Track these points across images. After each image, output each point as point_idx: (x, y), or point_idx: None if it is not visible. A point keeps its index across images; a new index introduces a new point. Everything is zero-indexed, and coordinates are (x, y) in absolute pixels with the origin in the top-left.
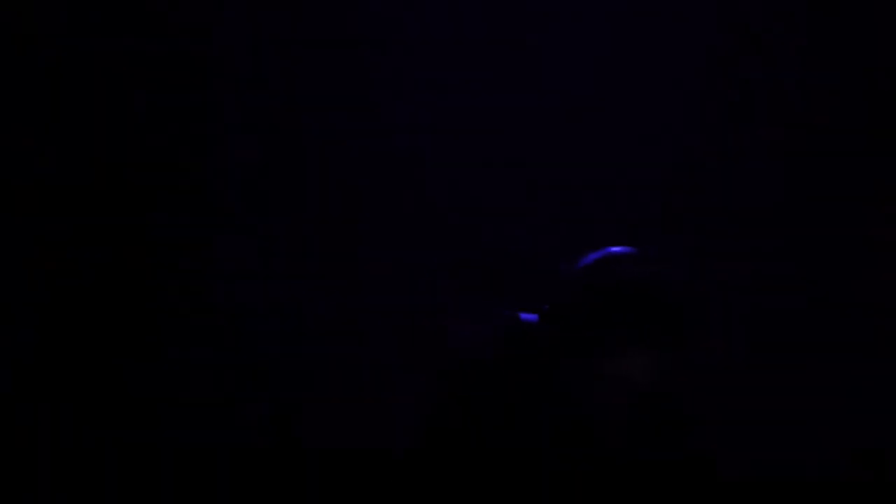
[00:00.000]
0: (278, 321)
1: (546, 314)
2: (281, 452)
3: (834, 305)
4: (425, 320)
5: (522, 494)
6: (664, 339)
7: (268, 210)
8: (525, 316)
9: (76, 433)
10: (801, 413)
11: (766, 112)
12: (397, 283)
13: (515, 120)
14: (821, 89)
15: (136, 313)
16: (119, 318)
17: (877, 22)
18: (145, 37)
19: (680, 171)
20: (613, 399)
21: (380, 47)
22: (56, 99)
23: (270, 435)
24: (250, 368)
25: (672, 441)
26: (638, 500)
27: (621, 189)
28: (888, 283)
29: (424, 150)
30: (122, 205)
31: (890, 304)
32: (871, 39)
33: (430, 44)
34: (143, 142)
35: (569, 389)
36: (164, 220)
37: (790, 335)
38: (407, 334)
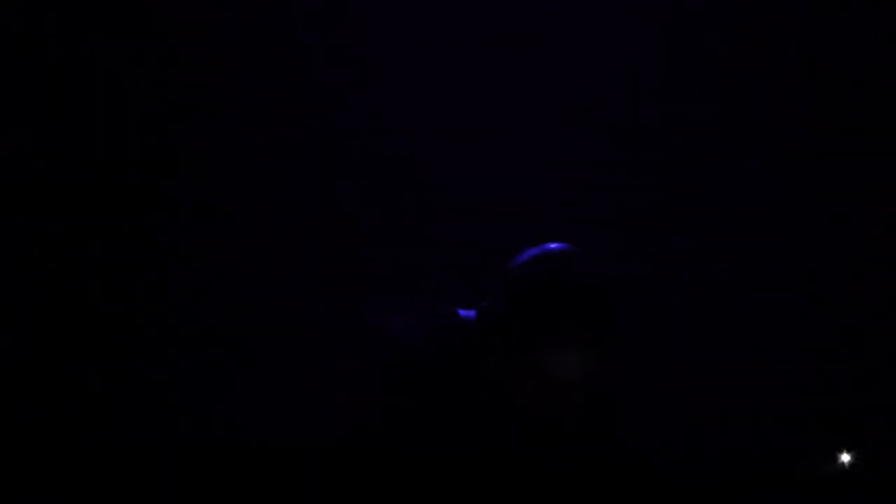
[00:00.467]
0: (278, 321)
1: (483, 311)
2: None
3: (834, 305)
4: (365, 317)
5: (467, 490)
6: (598, 336)
7: (268, 210)
8: (463, 312)
9: (76, 433)
10: (801, 413)
11: (766, 112)
12: (397, 283)
13: (515, 120)
14: (821, 89)
15: (136, 313)
16: (118, 317)
17: (877, 22)
18: (145, 37)
19: (680, 171)
20: (547, 396)
21: (380, 47)
22: (56, 99)
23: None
24: (250, 368)
25: (607, 438)
26: (585, 497)
27: (621, 189)
28: (888, 283)
29: (424, 150)
30: (122, 205)
31: (890, 304)
32: (871, 39)
33: (430, 44)
34: (142, 142)
35: (504, 386)
36: (164, 220)
37: (790, 335)
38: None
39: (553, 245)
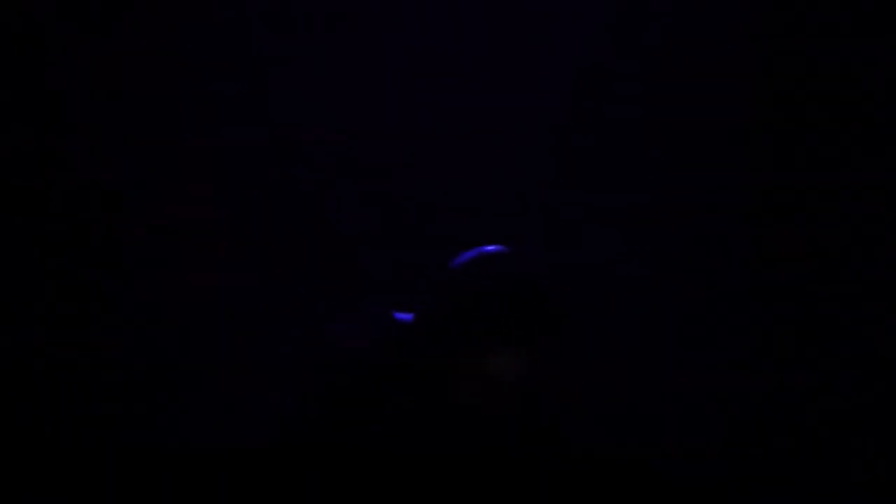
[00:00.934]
0: (277, 321)
1: (419, 314)
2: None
3: (834, 305)
4: (305, 320)
5: (406, 493)
6: (533, 335)
7: (268, 211)
8: (400, 315)
9: (76, 433)
10: (800, 413)
11: (766, 112)
12: (397, 283)
13: (515, 120)
14: (821, 89)
15: (136, 313)
16: (118, 317)
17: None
18: (144, 36)
19: (680, 171)
20: (486, 396)
21: (379, 47)
22: (56, 98)
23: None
24: (249, 368)
25: (546, 435)
26: (521, 495)
27: (620, 188)
28: (888, 283)
29: (424, 150)
30: (122, 206)
31: (890, 303)
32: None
33: (430, 44)
34: (142, 141)
35: (443, 388)
36: (164, 220)
37: (790, 335)
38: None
39: (490, 247)
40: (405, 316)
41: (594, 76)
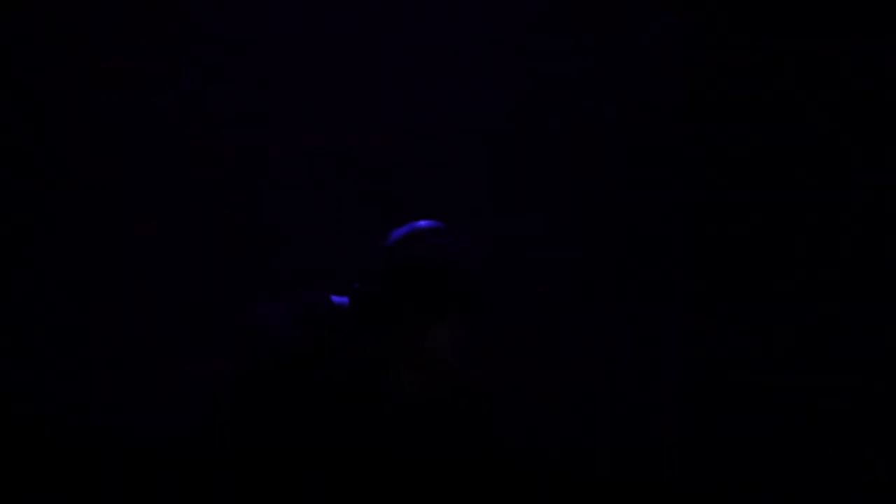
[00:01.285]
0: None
1: (356, 293)
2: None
3: (834, 305)
4: (232, 307)
5: (337, 486)
6: (461, 312)
7: (267, 211)
8: (336, 298)
9: (76, 433)
10: (803, 414)
11: (766, 111)
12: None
13: (516, 119)
14: (821, 89)
15: (135, 312)
16: (118, 317)
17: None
18: (145, 36)
19: (679, 170)
20: (417, 376)
21: (379, 47)
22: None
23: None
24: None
25: (475, 424)
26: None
27: (620, 188)
28: (888, 283)
29: (424, 150)
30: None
31: (890, 303)
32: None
33: (430, 44)
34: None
35: (378, 369)
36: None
37: (790, 335)
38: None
39: (422, 223)
40: (341, 298)
41: (592, 76)
